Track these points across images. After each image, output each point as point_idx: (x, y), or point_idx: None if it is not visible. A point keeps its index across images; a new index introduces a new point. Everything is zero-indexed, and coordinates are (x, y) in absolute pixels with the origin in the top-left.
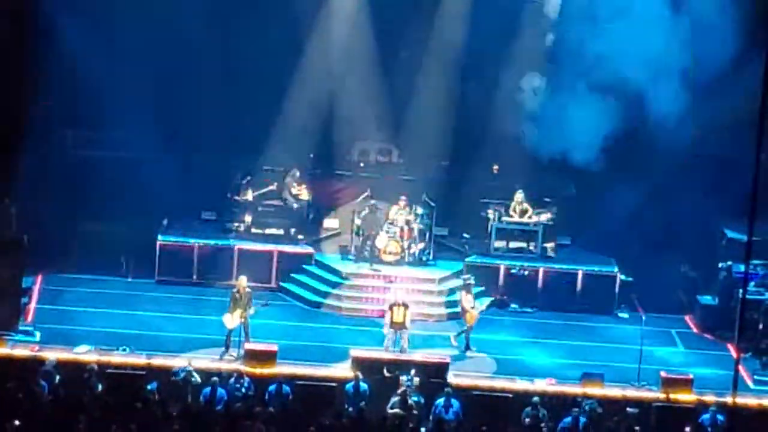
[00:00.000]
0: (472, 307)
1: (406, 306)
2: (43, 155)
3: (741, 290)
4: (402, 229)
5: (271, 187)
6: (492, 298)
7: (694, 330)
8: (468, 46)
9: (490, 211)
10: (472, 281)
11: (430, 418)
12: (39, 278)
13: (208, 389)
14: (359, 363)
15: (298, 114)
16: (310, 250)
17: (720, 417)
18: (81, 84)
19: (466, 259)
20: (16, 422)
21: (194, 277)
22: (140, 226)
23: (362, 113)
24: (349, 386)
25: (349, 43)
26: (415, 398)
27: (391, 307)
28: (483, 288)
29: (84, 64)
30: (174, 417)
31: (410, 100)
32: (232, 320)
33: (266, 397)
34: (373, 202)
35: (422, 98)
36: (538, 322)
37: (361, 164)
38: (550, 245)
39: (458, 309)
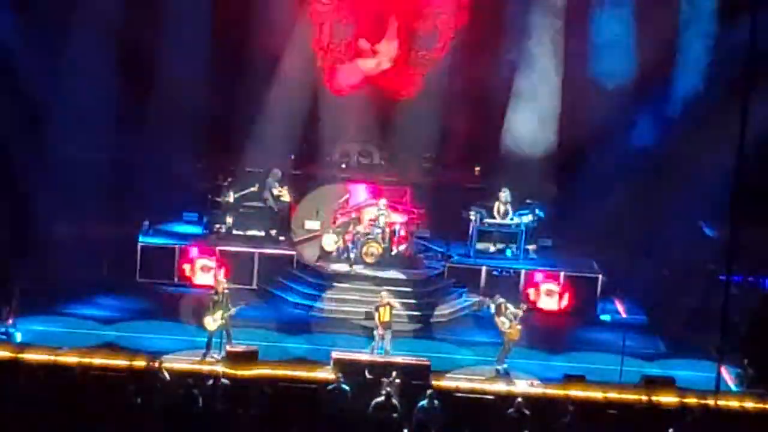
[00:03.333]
0: (509, 328)
1: (391, 306)
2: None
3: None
4: (384, 231)
5: (252, 189)
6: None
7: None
8: None
9: (471, 213)
10: (502, 301)
11: (413, 420)
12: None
13: (185, 391)
14: (341, 365)
15: (278, 115)
16: (291, 251)
17: None
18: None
19: (449, 261)
20: None
21: (175, 278)
22: (121, 228)
23: (343, 114)
24: (330, 388)
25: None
26: (396, 400)
27: (377, 308)
28: (464, 290)
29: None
30: (154, 418)
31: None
32: (213, 322)
33: (247, 398)
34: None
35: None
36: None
37: (342, 165)
38: (531, 247)
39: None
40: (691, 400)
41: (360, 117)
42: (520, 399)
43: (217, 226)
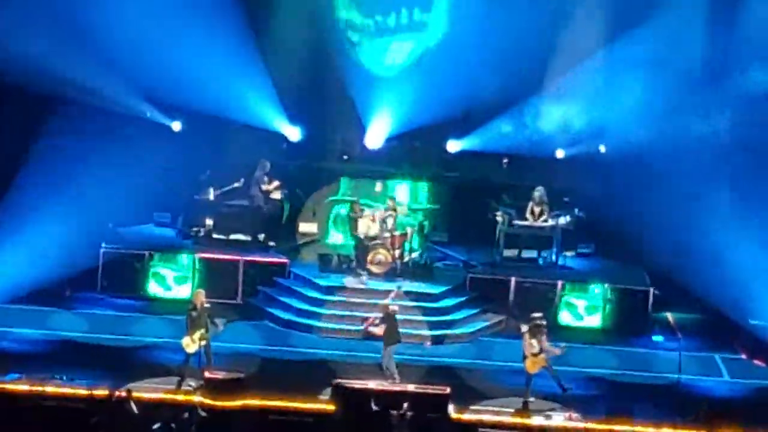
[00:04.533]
0: (535, 353)
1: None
2: None
3: None
4: (392, 236)
5: (236, 184)
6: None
7: (743, 356)
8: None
9: (498, 214)
10: (542, 324)
11: None
12: None
13: (159, 425)
14: (342, 394)
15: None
16: (283, 259)
17: None
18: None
19: (471, 271)
20: None
21: (143, 291)
22: (82, 231)
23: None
24: (330, 422)
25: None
26: None
27: (384, 320)
28: (489, 306)
29: None
30: None
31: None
32: (191, 343)
33: None
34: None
35: None
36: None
37: (345, 157)
38: (569, 253)
39: (462, 332)
40: None
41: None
42: None
43: (195, 228)
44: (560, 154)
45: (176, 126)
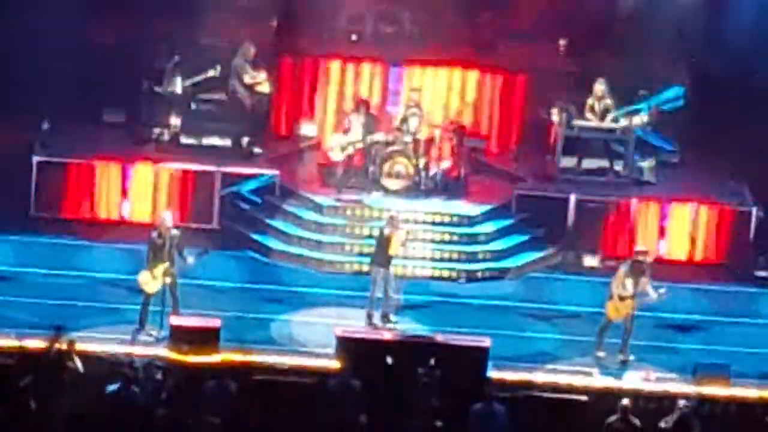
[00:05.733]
0: (623, 297)
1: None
2: None
3: None
4: (415, 140)
5: (211, 73)
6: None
7: None
8: None
9: (554, 111)
10: (647, 261)
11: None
12: None
13: (115, 387)
14: (349, 347)
15: None
16: (272, 171)
17: None
18: None
19: (519, 186)
20: None
21: (90, 212)
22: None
23: None
24: (333, 384)
25: None
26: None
27: (389, 236)
28: (542, 231)
29: None
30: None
31: None
32: (152, 280)
33: (202, 399)
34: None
35: None
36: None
37: (353, 37)
38: (647, 164)
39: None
40: None
41: None
42: (626, 401)
43: (157, 130)
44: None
45: None
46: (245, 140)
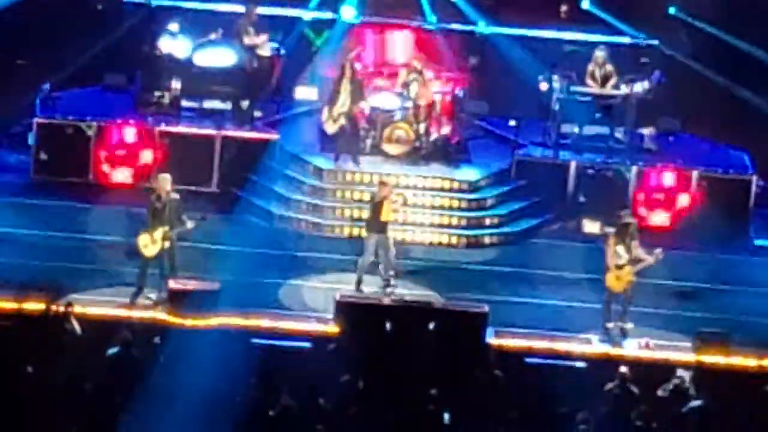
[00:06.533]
0: (620, 265)
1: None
2: None
3: None
4: (416, 105)
5: (213, 36)
6: None
7: None
8: None
9: (555, 78)
10: (632, 222)
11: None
12: None
13: (115, 350)
14: (348, 312)
15: None
16: (273, 134)
17: None
18: None
19: (519, 152)
20: None
21: (90, 175)
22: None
23: None
24: (331, 349)
25: None
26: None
27: (380, 201)
28: (542, 198)
29: None
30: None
31: None
32: (151, 244)
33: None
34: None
35: None
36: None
37: None
38: (647, 131)
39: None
40: None
41: None
42: (624, 368)
43: (158, 94)
44: None
45: None
46: (245, 103)
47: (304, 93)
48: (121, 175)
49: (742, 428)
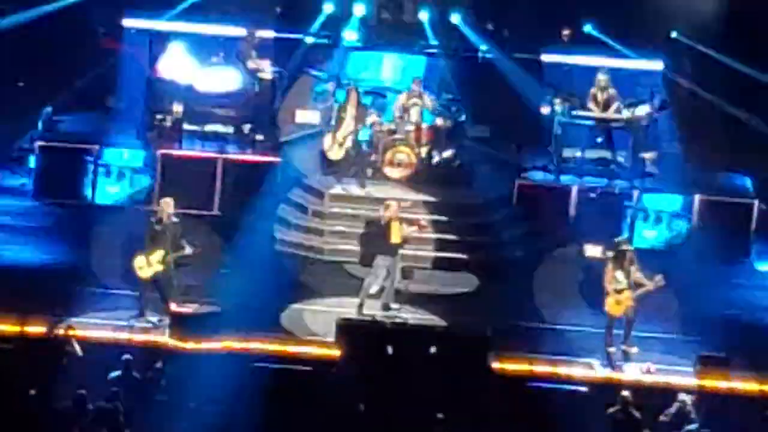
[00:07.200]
0: (619, 290)
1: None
2: None
3: None
4: (418, 128)
5: (214, 60)
6: None
7: None
8: None
9: (557, 102)
10: (630, 249)
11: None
12: None
13: (116, 373)
14: (350, 334)
15: None
16: (274, 158)
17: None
18: None
19: (521, 177)
20: None
21: (91, 198)
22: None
23: None
24: (332, 372)
25: None
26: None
27: (387, 223)
28: (540, 223)
29: None
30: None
31: None
32: (146, 266)
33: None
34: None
35: None
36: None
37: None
38: (649, 155)
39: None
40: None
41: None
42: (626, 393)
43: (159, 116)
44: None
45: None
46: (247, 127)
47: (305, 116)
48: (122, 198)
49: None
